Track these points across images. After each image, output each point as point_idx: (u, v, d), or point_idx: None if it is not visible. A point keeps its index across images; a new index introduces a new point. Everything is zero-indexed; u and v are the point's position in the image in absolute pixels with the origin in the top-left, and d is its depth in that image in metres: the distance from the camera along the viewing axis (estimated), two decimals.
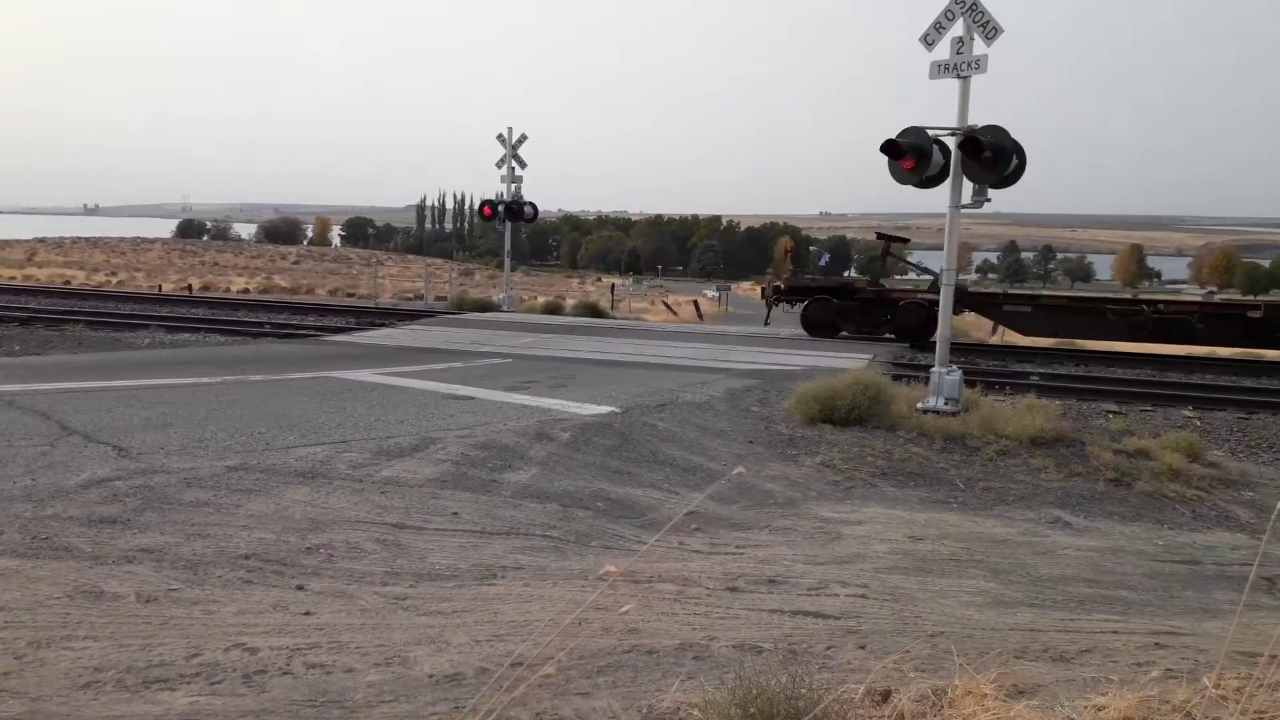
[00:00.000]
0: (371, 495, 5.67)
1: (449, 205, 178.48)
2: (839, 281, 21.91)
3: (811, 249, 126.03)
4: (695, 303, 45.18)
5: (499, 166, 23.26)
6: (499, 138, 23.02)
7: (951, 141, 9.73)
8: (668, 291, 63.58)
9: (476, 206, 29.84)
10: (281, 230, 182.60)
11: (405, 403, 8.85)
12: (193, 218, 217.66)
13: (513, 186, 23.25)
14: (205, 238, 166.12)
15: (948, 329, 10.38)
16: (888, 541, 5.78)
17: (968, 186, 9.81)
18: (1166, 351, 18.24)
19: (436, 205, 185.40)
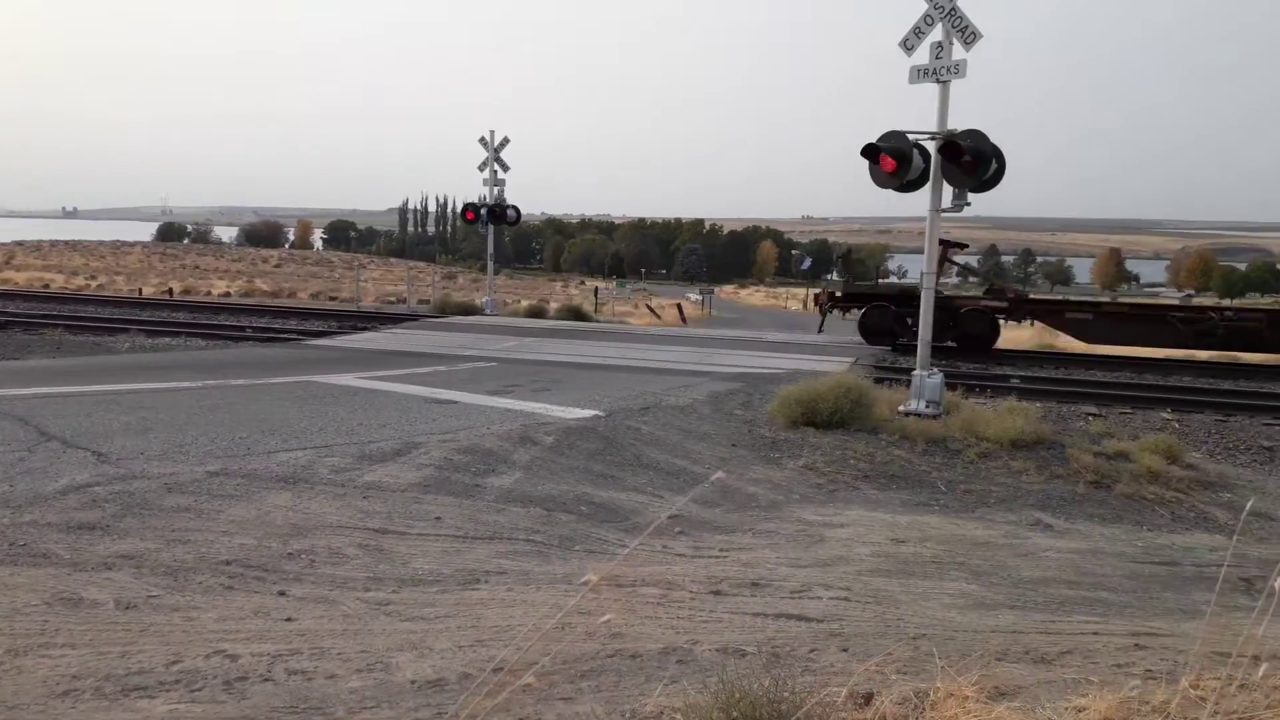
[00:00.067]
0: (354, 500, 5.65)
1: (431, 208, 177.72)
2: (899, 288, 21.37)
3: (794, 252, 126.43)
4: (679, 306, 45.31)
5: (481, 170, 23.22)
6: (481, 141, 22.97)
7: (931, 146, 9.80)
8: (651, 295, 63.62)
9: (459, 210, 29.76)
10: (263, 233, 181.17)
11: (388, 407, 8.81)
12: (173, 220, 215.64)
13: (495, 190, 23.20)
14: (186, 241, 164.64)
15: (928, 332, 10.46)
16: (870, 544, 5.81)
17: (948, 191, 9.88)
18: (1144, 354, 18.35)
19: (419, 208, 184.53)
